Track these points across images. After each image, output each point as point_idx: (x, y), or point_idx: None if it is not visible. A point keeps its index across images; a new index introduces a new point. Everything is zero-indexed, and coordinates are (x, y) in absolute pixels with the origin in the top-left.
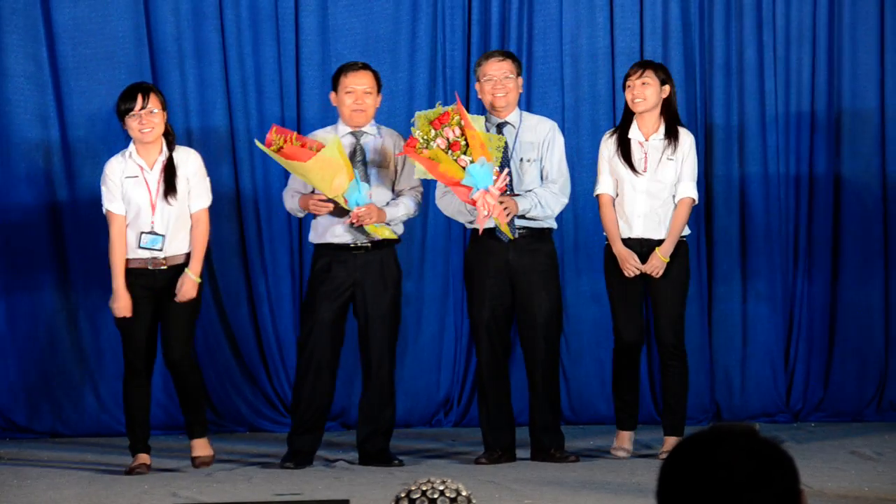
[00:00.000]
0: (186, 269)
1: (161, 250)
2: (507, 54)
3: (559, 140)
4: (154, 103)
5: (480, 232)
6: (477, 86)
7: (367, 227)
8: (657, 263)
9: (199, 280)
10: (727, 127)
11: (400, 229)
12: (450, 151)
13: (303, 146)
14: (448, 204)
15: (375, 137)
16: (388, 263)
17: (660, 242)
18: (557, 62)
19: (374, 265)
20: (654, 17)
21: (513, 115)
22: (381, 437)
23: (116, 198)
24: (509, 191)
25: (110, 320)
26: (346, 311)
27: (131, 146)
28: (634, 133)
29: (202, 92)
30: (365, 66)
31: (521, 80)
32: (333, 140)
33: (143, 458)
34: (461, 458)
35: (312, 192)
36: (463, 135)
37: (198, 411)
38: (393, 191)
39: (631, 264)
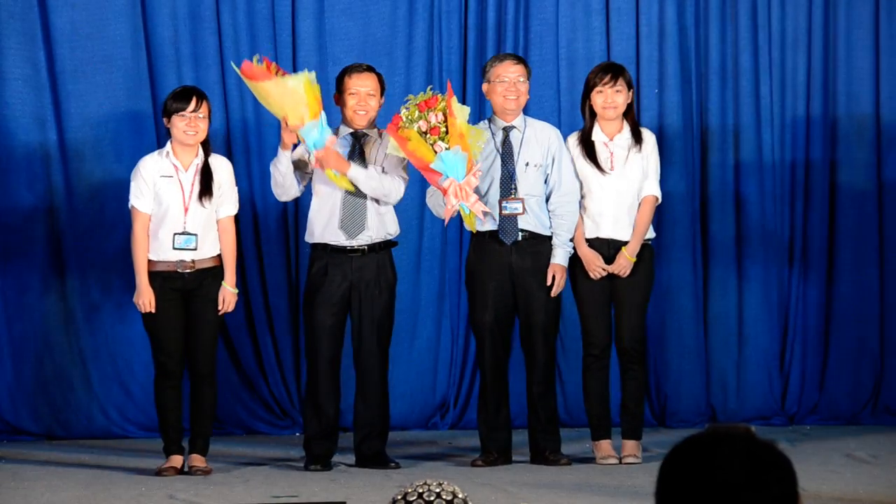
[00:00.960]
0: (224, 283)
1: (195, 249)
2: (520, 58)
3: (565, 149)
4: (204, 109)
5: (446, 223)
6: (485, 87)
7: (326, 174)
8: (624, 263)
9: (237, 291)
10: (723, 131)
11: (396, 230)
12: (427, 135)
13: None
14: (435, 203)
15: (376, 140)
16: (384, 266)
17: (627, 243)
18: (553, 66)
19: (371, 268)
20: (649, 22)
21: (518, 120)
22: (376, 439)
23: (145, 195)
24: (513, 192)
25: (107, 322)
26: (346, 313)
27: (168, 146)
28: (598, 135)
29: None
30: (370, 69)
31: (528, 84)
32: (303, 74)
33: (176, 459)
34: (458, 460)
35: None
36: (445, 121)
37: (208, 427)
38: None
39: (596, 265)
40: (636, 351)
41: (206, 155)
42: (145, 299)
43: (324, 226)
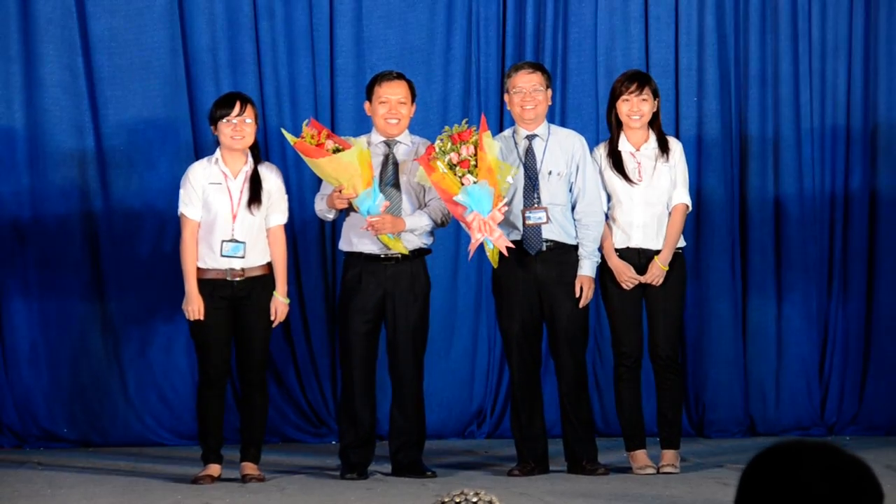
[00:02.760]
0: (276, 294)
1: (243, 257)
2: (536, 66)
3: (589, 157)
4: (249, 113)
5: (470, 257)
6: (506, 97)
7: (380, 238)
8: (657, 272)
9: (288, 301)
10: (762, 139)
11: (429, 240)
12: (457, 167)
13: (329, 144)
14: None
15: (408, 147)
16: (417, 274)
17: (658, 252)
18: (592, 74)
19: (405, 276)
20: (689, 30)
21: (541, 128)
22: (413, 448)
23: (194, 202)
24: (537, 202)
25: (144, 329)
26: (380, 321)
27: (217, 153)
28: (624, 145)
29: None
30: (400, 76)
31: (549, 92)
32: (356, 146)
33: (214, 468)
34: (494, 469)
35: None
36: (475, 155)
37: (260, 435)
38: (420, 201)
39: (628, 276)
40: (672, 360)
41: (256, 162)
42: (194, 307)
43: (360, 235)
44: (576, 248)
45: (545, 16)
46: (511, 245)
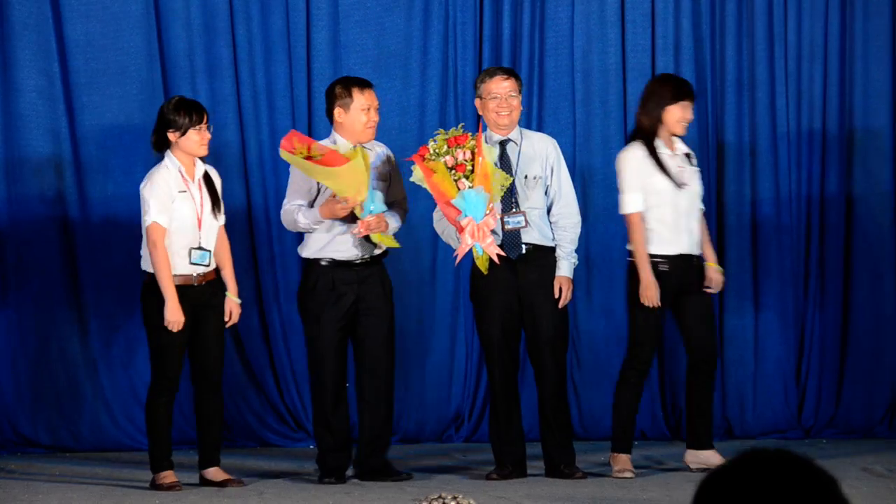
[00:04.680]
0: (229, 294)
1: (208, 265)
2: (510, 72)
3: (562, 159)
4: (207, 120)
5: (457, 262)
6: (477, 102)
7: (373, 237)
8: (720, 278)
9: (240, 301)
10: (739, 143)
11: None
12: (452, 171)
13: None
14: (444, 228)
15: (376, 152)
16: (384, 277)
17: (694, 258)
18: (569, 78)
19: (375, 279)
20: (665, 34)
21: (514, 133)
22: (384, 450)
23: (166, 210)
24: (514, 207)
25: (122, 335)
26: (352, 327)
27: (175, 161)
28: (662, 148)
29: (214, 107)
30: (371, 84)
31: (520, 97)
32: (358, 150)
33: (172, 474)
34: (472, 473)
35: (314, 201)
36: (472, 160)
37: (220, 436)
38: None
39: (654, 295)
40: (714, 360)
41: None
42: (179, 318)
43: (328, 241)
44: (554, 250)
45: (522, 20)
46: (501, 253)
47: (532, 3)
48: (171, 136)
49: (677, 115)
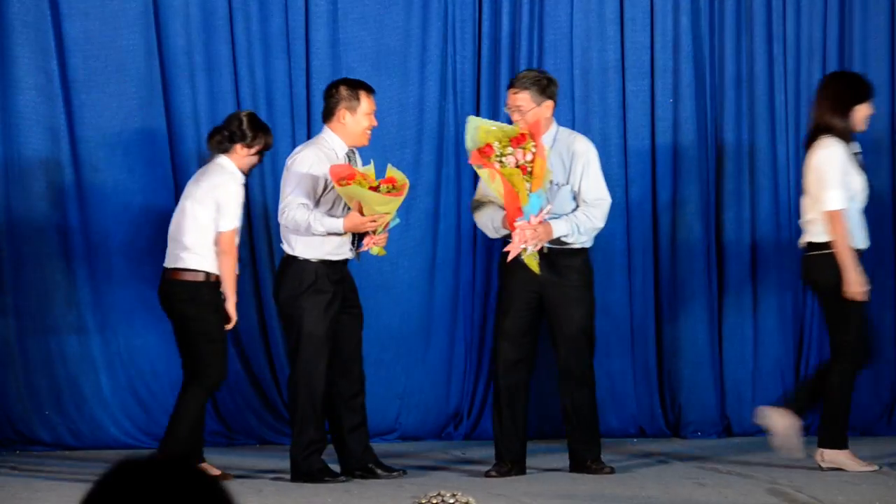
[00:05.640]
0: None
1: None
2: (513, 81)
3: (591, 159)
4: None
5: (509, 259)
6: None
7: (374, 251)
8: None
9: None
10: (737, 140)
11: None
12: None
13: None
14: (481, 214)
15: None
16: (350, 276)
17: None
18: (568, 76)
19: (348, 278)
20: (664, 31)
21: (546, 137)
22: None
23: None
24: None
25: (119, 332)
26: (337, 322)
27: (238, 171)
28: (853, 146)
29: (213, 105)
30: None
31: (547, 104)
32: (399, 174)
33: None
34: (471, 471)
35: (319, 200)
36: (532, 162)
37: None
38: None
39: (862, 289)
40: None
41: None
42: (235, 315)
43: (322, 241)
44: (579, 251)
45: (521, 18)
46: (543, 253)
47: (531, 1)
48: (242, 147)
49: (864, 114)
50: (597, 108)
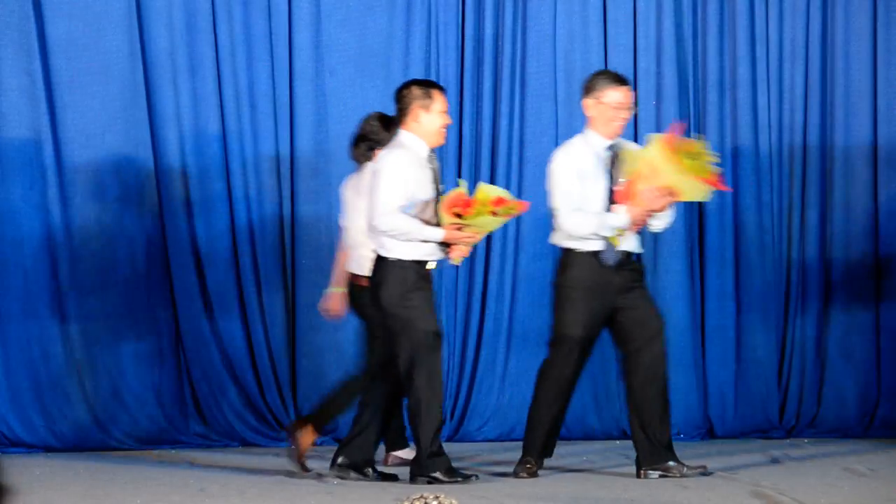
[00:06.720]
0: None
1: None
2: (626, 82)
3: None
4: None
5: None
6: (591, 102)
7: (455, 261)
8: None
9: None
10: (720, 143)
11: None
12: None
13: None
14: (582, 222)
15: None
16: None
17: None
18: (551, 78)
19: None
20: (647, 34)
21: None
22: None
23: None
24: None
25: (105, 334)
26: None
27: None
28: None
29: (196, 106)
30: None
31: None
32: (500, 190)
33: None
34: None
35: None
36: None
37: None
38: None
39: None
40: None
41: None
42: None
43: (420, 244)
44: (639, 255)
45: (504, 20)
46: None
47: (514, 3)
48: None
49: None
50: (579, 110)
